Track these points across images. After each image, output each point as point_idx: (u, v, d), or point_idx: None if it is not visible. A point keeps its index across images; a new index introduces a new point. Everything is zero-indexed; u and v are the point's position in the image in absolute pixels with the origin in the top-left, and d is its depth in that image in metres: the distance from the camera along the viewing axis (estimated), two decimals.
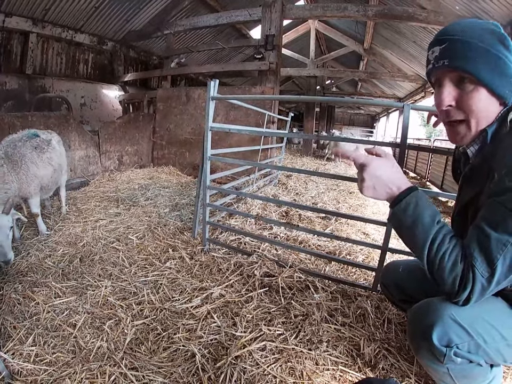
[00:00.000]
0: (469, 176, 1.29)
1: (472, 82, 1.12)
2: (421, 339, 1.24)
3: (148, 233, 3.42)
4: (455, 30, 1.14)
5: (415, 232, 1.13)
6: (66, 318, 2.04)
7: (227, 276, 2.59)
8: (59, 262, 2.76)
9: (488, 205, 1.07)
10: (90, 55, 9.86)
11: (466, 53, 1.10)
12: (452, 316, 1.17)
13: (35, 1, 7.20)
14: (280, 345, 1.84)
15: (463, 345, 1.17)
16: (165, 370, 1.66)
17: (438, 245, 1.08)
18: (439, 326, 1.18)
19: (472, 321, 1.18)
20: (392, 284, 1.81)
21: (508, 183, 0.99)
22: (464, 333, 1.17)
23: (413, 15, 6.33)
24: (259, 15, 6.81)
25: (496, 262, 1.00)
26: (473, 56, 1.09)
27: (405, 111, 2.14)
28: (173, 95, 7.35)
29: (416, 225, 1.13)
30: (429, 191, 2.58)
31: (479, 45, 1.09)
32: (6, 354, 1.70)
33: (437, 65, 1.17)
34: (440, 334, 1.18)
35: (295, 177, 6.80)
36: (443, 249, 1.07)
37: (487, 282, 1.02)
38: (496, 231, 1.00)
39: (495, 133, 1.15)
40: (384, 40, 12.06)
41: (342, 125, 31.37)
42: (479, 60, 1.09)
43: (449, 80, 1.17)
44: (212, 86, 2.86)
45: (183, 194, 5.15)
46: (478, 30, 1.12)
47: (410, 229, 1.15)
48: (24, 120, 4.84)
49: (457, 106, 1.17)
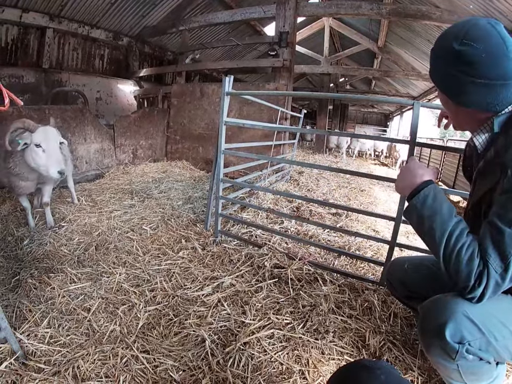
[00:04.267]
0: (482, 171, 1.26)
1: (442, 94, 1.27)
2: (434, 335, 1.23)
3: (162, 224, 3.49)
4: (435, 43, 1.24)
5: (433, 225, 1.15)
6: (81, 303, 2.11)
7: (238, 266, 2.65)
8: (75, 250, 2.84)
9: (501, 202, 1.07)
10: (106, 50, 10.01)
11: (431, 68, 1.28)
12: (465, 313, 1.16)
13: None
14: (288, 333, 1.89)
15: (475, 342, 1.17)
16: (176, 354, 1.72)
17: (456, 238, 1.09)
18: (452, 322, 1.17)
19: (484, 318, 1.17)
20: (397, 280, 1.80)
21: None
22: (477, 330, 1.16)
23: (427, 14, 6.29)
24: (273, 12, 6.82)
25: (510, 258, 1.01)
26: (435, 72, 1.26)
27: (415, 108, 2.17)
28: (187, 90, 7.41)
29: (435, 217, 1.15)
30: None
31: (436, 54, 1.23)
32: (21, 335, 1.76)
33: None
34: (453, 331, 1.17)
35: (306, 174, 6.83)
36: (460, 243, 1.08)
37: (501, 279, 1.03)
38: (510, 228, 1.01)
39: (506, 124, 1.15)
40: (399, 38, 11.98)
41: (355, 123, 31.10)
42: (438, 76, 1.25)
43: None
44: (227, 82, 2.92)
45: (196, 188, 5.22)
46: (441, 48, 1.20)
47: (429, 220, 1.16)
48: (41, 113, 4.94)
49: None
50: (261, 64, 8.22)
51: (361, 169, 10.04)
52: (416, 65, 13.07)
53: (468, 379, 1.27)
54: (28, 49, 7.90)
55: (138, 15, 9.46)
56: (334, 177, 7.00)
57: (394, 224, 2.38)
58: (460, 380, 1.28)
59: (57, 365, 1.59)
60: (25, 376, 1.50)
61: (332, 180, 6.74)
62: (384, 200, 5.77)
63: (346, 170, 2.85)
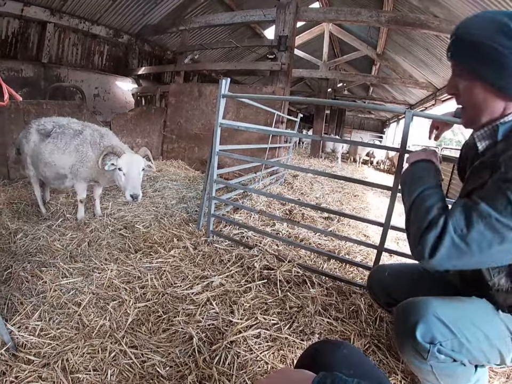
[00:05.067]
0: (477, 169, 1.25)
1: (467, 76, 1.17)
2: (406, 335, 1.27)
3: (154, 222, 3.52)
4: (462, 24, 1.19)
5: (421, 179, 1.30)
6: (72, 297, 2.14)
7: (228, 266, 2.67)
8: (67, 245, 2.86)
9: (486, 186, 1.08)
10: (106, 47, 10.03)
11: (462, 47, 1.16)
12: (435, 314, 1.21)
13: None
14: (274, 333, 1.92)
15: (446, 343, 1.20)
16: (163, 350, 1.75)
17: (429, 194, 1.20)
18: (422, 323, 1.21)
19: (455, 320, 1.21)
20: (378, 287, 1.82)
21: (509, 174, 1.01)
22: (448, 331, 1.20)
23: (425, 23, 6.35)
24: (273, 16, 6.87)
25: (474, 225, 1.00)
26: (469, 50, 1.14)
27: (407, 117, 2.21)
28: (185, 90, 7.44)
29: (422, 177, 1.31)
30: None
31: (477, 40, 1.11)
32: (12, 327, 1.79)
33: (447, 56, 1.24)
34: (424, 331, 1.21)
35: (301, 178, 6.86)
36: (430, 197, 1.19)
37: (459, 238, 1.01)
38: (484, 201, 1.02)
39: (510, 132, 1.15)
40: (397, 46, 12.05)
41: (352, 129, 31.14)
42: (475, 54, 1.12)
43: (454, 71, 1.24)
44: (224, 84, 2.95)
45: (190, 187, 5.25)
46: (481, 24, 1.12)
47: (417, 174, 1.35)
48: (39, 108, 4.97)
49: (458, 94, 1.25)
50: (259, 67, 8.26)
51: (355, 174, 10.10)
52: (413, 73, 13.15)
53: (444, 381, 1.30)
54: (28, 43, 7.92)
55: (140, 13, 9.49)
56: (328, 182, 7.04)
57: (382, 229, 2.42)
58: (436, 383, 1.31)
59: (46, 357, 1.62)
60: (15, 367, 1.53)
61: (326, 184, 6.77)
62: (377, 206, 5.82)
63: (338, 175, 2.88)
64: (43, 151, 3.19)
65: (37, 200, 3.54)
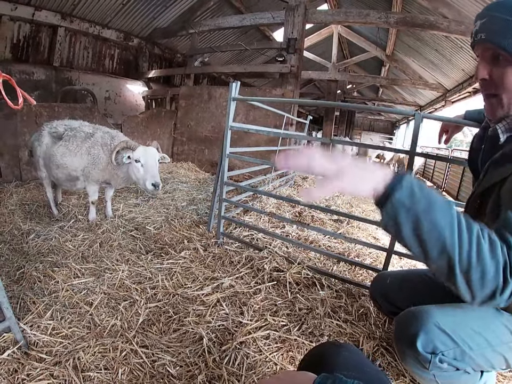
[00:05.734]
0: (498, 161, 1.18)
1: (506, 59, 1.08)
2: (406, 346, 1.26)
3: (165, 224, 3.55)
4: (497, 5, 1.11)
5: (435, 219, 0.82)
6: (84, 297, 2.17)
7: (238, 268, 2.69)
8: (79, 245, 2.91)
9: None
10: (116, 50, 10.14)
11: (502, 29, 1.07)
12: (436, 324, 1.20)
13: None
14: (283, 335, 1.93)
15: (448, 352, 1.19)
16: (174, 350, 1.77)
17: (468, 226, 0.83)
18: (423, 333, 1.20)
19: (456, 328, 1.20)
20: (380, 296, 1.80)
21: None
22: (449, 340, 1.19)
23: (435, 24, 6.32)
24: (282, 18, 6.90)
25: None
26: (509, 32, 1.05)
27: (416, 119, 2.20)
28: (195, 93, 7.50)
29: (433, 208, 0.83)
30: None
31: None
32: (25, 326, 1.82)
33: (476, 39, 1.15)
34: (425, 342, 1.20)
35: (310, 180, 6.86)
36: (475, 229, 0.84)
37: None
38: None
39: None
40: (406, 47, 12.00)
41: (362, 130, 31.02)
42: None
43: (486, 54, 1.15)
44: (234, 88, 2.97)
45: (200, 189, 5.28)
46: None
47: (427, 215, 0.82)
48: (50, 111, 5.05)
49: (491, 80, 1.14)
50: (268, 70, 8.30)
51: None
52: (423, 74, 13.08)
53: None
54: (39, 47, 8.06)
55: (149, 17, 9.58)
56: None
57: None
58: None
59: (58, 356, 1.65)
60: (27, 365, 1.55)
61: None
62: None
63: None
64: (55, 154, 3.25)
65: (49, 202, 3.60)
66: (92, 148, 3.24)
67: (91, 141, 3.26)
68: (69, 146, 3.24)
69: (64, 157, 3.23)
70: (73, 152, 3.23)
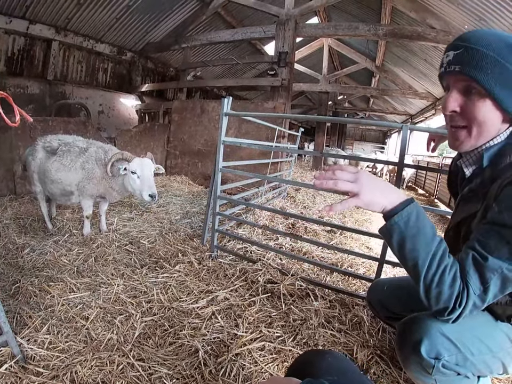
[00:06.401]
0: (466, 197, 1.28)
1: (480, 92, 1.10)
2: (410, 352, 1.26)
3: (159, 238, 3.57)
4: (473, 37, 1.12)
5: (417, 246, 1.06)
6: (80, 311, 2.19)
7: (232, 281, 2.72)
8: (74, 260, 2.92)
9: (485, 230, 1.07)
10: (110, 64, 10.23)
11: (478, 62, 1.08)
12: (440, 330, 1.21)
13: (58, 10, 7.57)
14: (278, 346, 1.95)
15: (451, 357, 1.20)
16: (170, 362, 1.79)
17: (440, 258, 1.05)
18: (427, 339, 1.21)
19: (459, 334, 1.21)
20: (377, 302, 1.82)
21: (507, 219, 1.02)
22: (452, 346, 1.20)
23: (423, 35, 6.47)
24: (273, 32, 7.02)
25: (490, 282, 1.01)
26: (485, 66, 1.07)
27: (403, 131, 2.26)
28: (188, 106, 7.56)
29: (418, 238, 1.06)
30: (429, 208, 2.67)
31: (493, 57, 1.06)
32: (22, 340, 1.83)
33: (449, 70, 1.15)
34: (429, 347, 1.20)
35: (303, 191, 6.90)
36: (444, 264, 1.04)
37: (479, 300, 1.03)
38: (492, 256, 1.01)
39: (495, 157, 1.16)
40: (396, 58, 12.22)
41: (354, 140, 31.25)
42: (491, 71, 1.07)
43: (458, 86, 1.16)
44: (226, 103, 3.02)
45: (194, 203, 5.31)
46: (496, 42, 1.08)
47: (412, 241, 1.06)
48: (45, 124, 5.08)
49: (461, 112, 1.16)
50: (260, 83, 8.40)
51: None
52: (413, 84, 13.29)
53: None
54: (34, 60, 8.12)
55: (142, 31, 9.69)
56: (330, 194, 7.06)
57: (383, 241, 2.45)
58: None
59: (55, 370, 1.66)
60: (25, 379, 1.57)
61: (328, 197, 6.82)
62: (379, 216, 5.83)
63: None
64: (49, 169, 3.27)
65: (44, 216, 3.61)
66: (86, 163, 3.27)
67: (85, 155, 3.30)
68: (63, 161, 3.27)
69: (59, 172, 3.26)
70: (68, 167, 3.26)
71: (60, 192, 3.37)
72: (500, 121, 1.14)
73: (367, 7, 10.28)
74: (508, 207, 1.03)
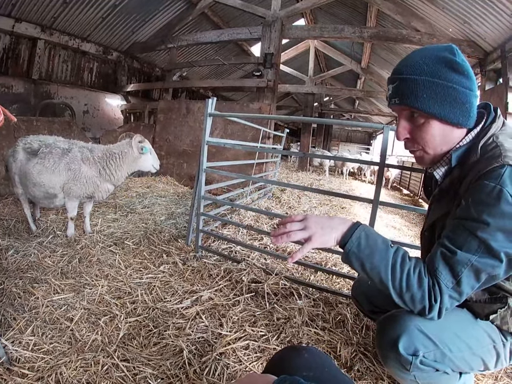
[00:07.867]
0: (437, 197, 1.35)
1: (422, 116, 1.18)
2: (388, 348, 1.28)
3: (144, 239, 3.55)
4: (404, 67, 1.20)
5: (375, 262, 1.14)
6: (64, 313, 2.17)
7: (217, 281, 2.72)
8: (58, 261, 2.89)
9: (453, 226, 1.13)
10: (95, 64, 10.17)
11: (413, 90, 1.16)
12: (418, 327, 1.22)
13: (44, 8, 7.51)
14: (262, 345, 1.97)
15: (429, 354, 1.22)
16: (154, 363, 1.79)
17: (400, 267, 1.12)
18: (405, 336, 1.22)
19: (438, 331, 1.23)
20: (362, 295, 1.84)
21: (474, 213, 1.06)
22: (430, 343, 1.22)
23: (407, 37, 6.59)
24: (259, 34, 7.05)
25: (461, 275, 1.06)
26: (420, 92, 1.14)
27: (385, 132, 2.31)
28: (174, 107, 7.54)
29: (374, 255, 1.15)
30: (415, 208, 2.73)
31: (426, 79, 1.14)
32: (6, 342, 1.82)
33: (391, 103, 1.25)
34: (407, 344, 1.22)
35: (288, 191, 6.94)
36: (406, 269, 1.12)
37: (455, 293, 1.08)
38: (461, 250, 1.07)
39: (463, 157, 1.21)
40: (381, 60, 12.36)
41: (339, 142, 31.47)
42: (426, 94, 1.14)
43: (403, 115, 1.25)
44: (210, 104, 3.04)
45: (179, 203, 5.30)
46: (427, 63, 1.15)
47: (369, 260, 1.15)
48: (29, 124, 5.03)
49: (412, 138, 1.26)
50: (245, 84, 8.43)
51: (342, 187, 10.22)
52: None
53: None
54: (19, 59, 8.05)
55: (129, 31, 9.65)
56: (315, 195, 7.11)
57: None
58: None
59: (40, 371, 1.65)
60: (10, 381, 1.56)
61: (313, 197, 6.86)
62: (364, 217, 5.89)
63: (322, 190, 2.96)
64: (31, 172, 3.22)
65: (27, 218, 3.57)
66: (71, 164, 3.23)
67: (69, 156, 3.26)
68: (45, 163, 3.21)
69: (41, 175, 3.21)
70: (51, 170, 3.21)
71: (42, 195, 3.33)
72: (452, 132, 1.22)
73: (353, 10, 10.38)
74: (475, 201, 1.07)
